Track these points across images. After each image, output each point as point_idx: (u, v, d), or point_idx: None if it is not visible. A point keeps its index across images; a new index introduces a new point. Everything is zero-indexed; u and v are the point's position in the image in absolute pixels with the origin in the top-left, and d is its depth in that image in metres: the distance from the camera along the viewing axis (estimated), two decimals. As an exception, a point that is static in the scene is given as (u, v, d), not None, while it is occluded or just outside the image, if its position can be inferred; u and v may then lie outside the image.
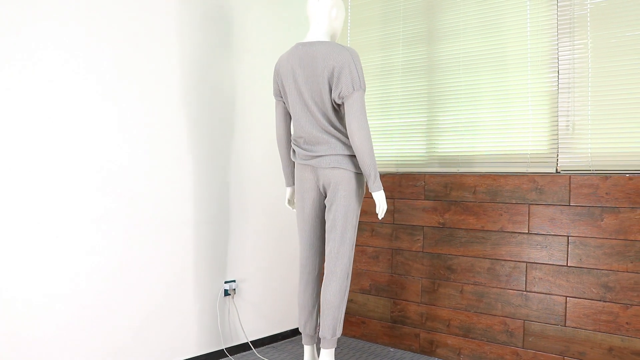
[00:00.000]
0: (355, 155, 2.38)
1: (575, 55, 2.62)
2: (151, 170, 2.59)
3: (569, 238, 2.59)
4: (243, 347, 3.06)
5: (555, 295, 2.62)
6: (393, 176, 3.20)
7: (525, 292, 2.71)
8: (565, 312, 2.59)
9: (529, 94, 2.76)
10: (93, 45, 2.36)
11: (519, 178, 2.74)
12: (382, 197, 2.37)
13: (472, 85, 2.95)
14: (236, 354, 3.01)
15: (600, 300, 2.50)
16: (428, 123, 3.12)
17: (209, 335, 2.87)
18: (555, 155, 2.67)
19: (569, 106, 2.64)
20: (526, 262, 2.71)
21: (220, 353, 2.92)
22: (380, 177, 3.23)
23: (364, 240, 3.33)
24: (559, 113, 2.66)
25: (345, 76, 2.26)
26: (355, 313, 3.36)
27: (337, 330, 2.37)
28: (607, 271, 2.48)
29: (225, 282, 2.96)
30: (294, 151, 2.53)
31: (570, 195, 2.59)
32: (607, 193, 2.49)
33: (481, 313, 2.85)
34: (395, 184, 3.19)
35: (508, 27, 2.84)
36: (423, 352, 3.06)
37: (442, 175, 3.01)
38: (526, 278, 2.71)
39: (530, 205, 2.70)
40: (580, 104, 2.61)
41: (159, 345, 2.63)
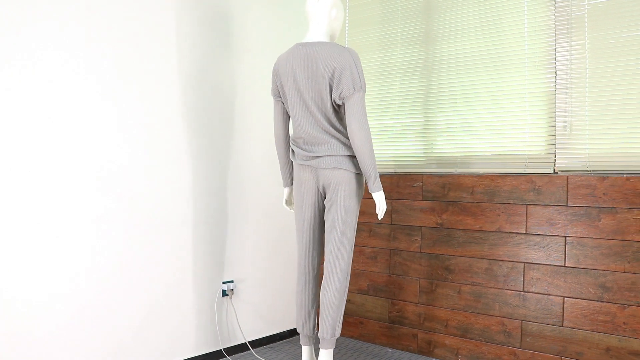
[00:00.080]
0: (355, 156, 2.38)
1: (573, 56, 2.63)
2: (150, 170, 2.59)
3: (567, 238, 2.59)
4: (241, 348, 3.06)
5: (553, 295, 2.62)
6: (391, 176, 3.21)
7: (522, 293, 2.71)
8: (563, 313, 2.59)
9: (526, 95, 2.77)
10: (93, 45, 2.36)
11: (517, 178, 2.75)
12: (382, 198, 2.38)
13: (469, 86, 2.96)
14: (234, 354, 3.01)
15: (597, 301, 2.50)
16: (426, 123, 3.13)
17: (207, 336, 2.87)
18: (553, 156, 2.68)
19: (566, 107, 2.65)
20: (524, 262, 2.71)
21: (218, 353, 2.92)
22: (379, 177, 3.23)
23: (362, 241, 3.33)
24: (557, 113, 2.67)
25: (346, 77, 2.26)
26: (353, 313, 3.36)
27: (336, 331, 2.37)
28: (604, 271, 2.49)
29: (223, 283, 2.96)
30: (292, 151, 2.53)
31: (567, 195, 2.59)
32: (604, 193, 2.49)
33: (479, 313, 2.85)
34: (393, 184, 3.19)
35: (506, 28, 2.85)
36: (421, 352, 3.06)
37: (440, 175, 3.01)
38: (524, 278, 2.71)
39: (528, 206, 2.71)
40: (577, 104, 2.61)
41: (158, 346, 2.63)
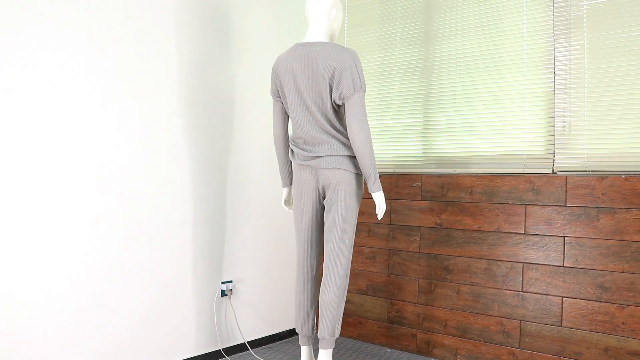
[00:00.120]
0: (354, 156, 2.38)
1: (572, 56, 2.63)
2: (150, 171, 2.59)
3: (565, 238, 2.59)
4: (240, 348, 3.06)
5: (552, 295, 2.62)
6: (390, 177, 3.21)
7: (521, 293, 2.72)
8: (562, 313, 2.59)
9: (525, 95, 2.77)
10: (93, 45, 2.36)
11: (516, 179, 2.75)
12: (382, 198, 2.38)
13: (468, 86, 2.96)
14: (233, 354, 3.01)
15: (596, 301, 2.50)
16: (425, 123, 3.13)
17: (206, 336, 2.87)
18: (552, 156, 2.68)
19: (565, 107, 2.65)
20: (522, 262, 2.71)
21: (217, 354, 2.92)
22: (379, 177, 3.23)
23: (360, 241, 3.33)
24: (555, 114, 2.67)
25: (346, 77, 2.26)
26: (352, 313, 3.36)
27: (336, 331, 2.37)
28: (603, 271, 2.49)
29: (222, 283, 2.96)
30: (292, 151, 2.52)
31: (566, 195, 2.59)
32: (603, 194, 2.50)
33: (478, 313, 2.85)
34: (392, 184, 3.19)
35: (505, 28, 2.85)
36: (420, 352, 3.06)
37: (439, 175, 3.01)
38: (523, 278, 2.71)
39: (527, 206, 2.71)
40: (576, 104, 2.61)
41: (157, 346, 2.62)
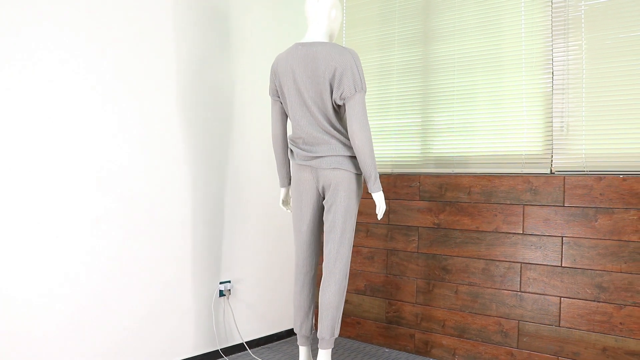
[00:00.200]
0: (354, 156, 2.38)
1: (570, 56, 2.63)
2: (149, 171, 2.58)
3: (563, 239, 2.60)
4: (238, 348, 3.06)
5: (550, 295, 2.63)
6: (388, 177, 3.21)
7: (519, 293, 2.72)
8: (560, 313, 2.60)
9: (523, 95, 2.77)
10: (93, 45, 2.36)
11: (514, 179, 2.75)
12: (382, 198, 2.38)
13: (467, 86, 2.96)
14: (231, 354, 3.01)
15: (594, 301, 2.51)
16: (423, 124, 3.13)
17: (204, 336, 2.87)
18: (550, 156, 2.68)
19: (563, 107, 2.65)
20: (521, 262, 2.72)
21: (216, 354, 2.92)
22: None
23: (359, 241, 3.33)
24: (553, 114, 2.67)
25: (347, 78, 2.26)
26: (350, 313, 3.36)
27: (335, 331, 2.38)
28: (601, 272, 2.49)
29: (221, 283, 2.95)
30: (291, 151, 2.52)
31: (564, 196, 2.60)
32: (601, 194, 2.50)
33: (476, 313, 2.86)
34: (391, 184, 3.19)
35: (503, 29, 2.85)
36: (418, 352, 3.06)
37: (437, 176, 3.01)
38: (521, 278, 2.72)
39: (525, 206, 2.71)
40: (574, 105, 2.62)
41: (155, 346, 2.62)
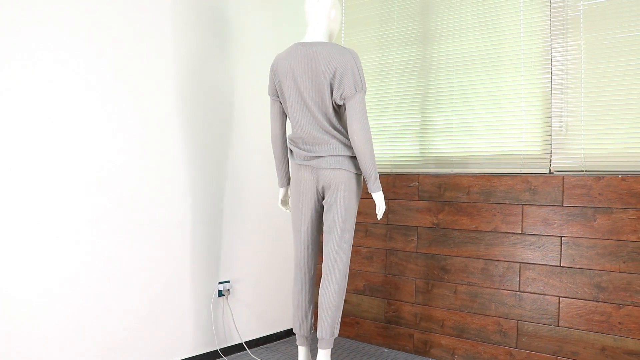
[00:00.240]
0: (354, 156, 2.38)
1: (569, 56, 2.63)
2: (149, 171, 2.58)
3: (562, 238, 2.60)
4: (237, 348, 3.06)
5: (549, 295, 2.63)
6: (387, 176, 3.21)
7: (518, 293, 2.72)
8: (559, 312, 2.60)
9: (522, 95, 2.77)
10: (93, 45, 2.36)
11: (513, 179, 2.75)
12: (382, 198, 2.38)
13: (466, 86, 2.96)
14: (230, 354, 3.01)
15: (593, 301, 2.51)
16: (422, 123, 3.13)
17: (203, 336, 2.87)
18: (549, 156, 2.69)
19: (562, 107, 2.65)
20: (520, 262, 2.72)
21: (215, 354, 2.92)
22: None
23: (358, 241, 3.33)
24: (552, 114, 2.68)
25: (347, 78, 2.26)
26: (349, 313, 3.36)
27: (335, 331, 2.38)
28: (599, 271, 2.50)
29: (220, 283, 2.95)
30: (291, 151, 2.52)
31: (563, 195, 2.60)
32: (600, 194, 2.50)
33: (475, 313, 2.86)
34: (390, 184, 3.19)
35: (502, 29, 2.85)
36: (417, 352, 3.06)
37: (436, 175, 3.01)
38: (520, 278, 2.72)
39: (524, 206, 2.71)
40: (573, 105, 2.62)
41: (154, 346, 2.62)
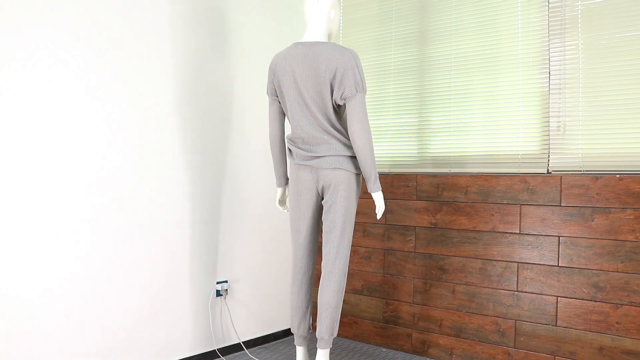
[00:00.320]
0: (354, 156, 2.38)
1: (566, 56, 2.63)
2: (148, 171, 2.58)
3: (560, 238, 2.60)
4: (235, 348, 3.05)
5: (547, 295, 2.63)
6: (385, 176, 3.20)
7: (516, 292, 2.72)
8: (556, 312, 2.60)
9: (520, 95, 2.77)
10: (92, 46, 2.36)
11: (511, 178, 2.75)
12: (381, 198, 2.39)
13: (463, 86, 2.96)
14: (228, 354, 3.00)
15: (590, 300, 2.51)
16: (420, 123, 3.13)
17: (201, 336, 2.86)
18: (547, 156, 2.69)
19: (560, 107, 2.65)
20: (517, 262, 2.72)
21: (213, 354, 2.91)
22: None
23: (356, 241, 3.33)
24: (550, 114, 2.68)
25: (348, 78, 2.26)
26: (347, 313, 3.36)
27: (334, 330, 2.38)
28: (597, 271, 2.50)
29: (218, 283, 2.95)
30: (290, 151, 2.51)
31: (561, 195, 2.60)
32: (597, 193, 2.50)
33: (473, 313, 2.86)
34: (388, 184, 3.19)
35: (500, 29, 2.85)
36: (415, 352, 3.06)
37: (434, 175, 3.01)
38: (517, 278, 2.72)
39: (522, 206, 2.71)
40: (571, 105, 2.62)
41: (152, 346, 2.62)
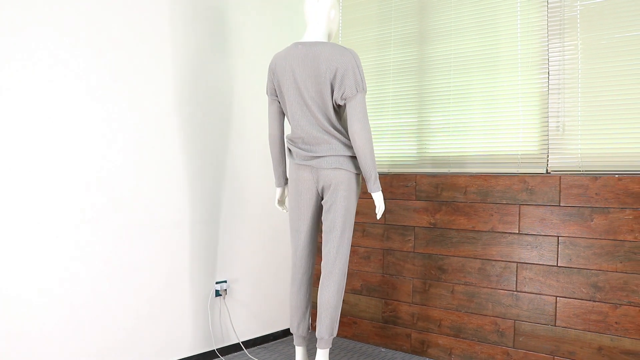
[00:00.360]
0: (354, 156, 2.38)
1: (566, 56, 2.63)
2: (148, 171, 2.58)
3: (559, 238, 2.60)
4: (234, 348, 3.05)
5: (546, 295, 2.63)
6: (384, 176, 3.21)
7: (515, 292, 2.72)
8: (556, 312, 2.60)
9: (519, 95, 2.78)
10: (92, 46, 2.36)
11: (510, 178, 2.75)
12: (381, 198, 2.39)
13: (463, 86, 2.96)
14: (227, 354, 3.00)
15: (589, 300, 2.51)
16: (419, 123, 3.13)
17: (200, 336, 2.86)
18: (546, 156, 2.69)
19: (559, 107, 2.65)
20: (517, 262, 2.72)
21: (212, 354, 2.91)
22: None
23: (355, 241, 3.33)
24: (549, 114, 2.68)
25: (348, 78, 2.26)
26: (346, 313, 3.36)
27: (334, 330, 2.38)
28: (596, 271, 2.50)
29: (217, 283, 2.95)
30: (289, 151, 2.51)
31: (560, 195, 2.60)
32: (596, 193, 2.50)
33: (472, 313, 2.86)
34: (387, 184, 3.19)
35: (499, 29, 2.85)
36: (414, 352, 3.06)
37: (433, 175, 3.01)
38: (517, 278, 2.72)
39: (521, 206, 2.71)
40: (570, 105, 2.62)
41: (152, 346, 2.62)
